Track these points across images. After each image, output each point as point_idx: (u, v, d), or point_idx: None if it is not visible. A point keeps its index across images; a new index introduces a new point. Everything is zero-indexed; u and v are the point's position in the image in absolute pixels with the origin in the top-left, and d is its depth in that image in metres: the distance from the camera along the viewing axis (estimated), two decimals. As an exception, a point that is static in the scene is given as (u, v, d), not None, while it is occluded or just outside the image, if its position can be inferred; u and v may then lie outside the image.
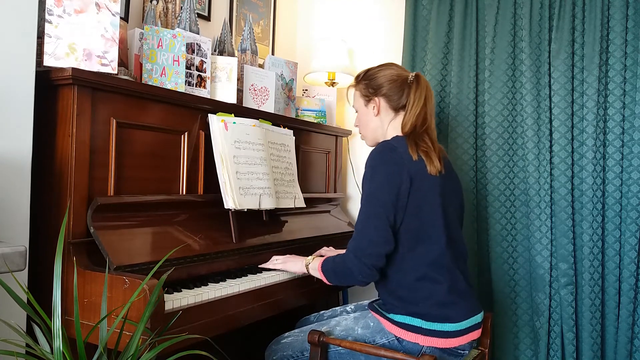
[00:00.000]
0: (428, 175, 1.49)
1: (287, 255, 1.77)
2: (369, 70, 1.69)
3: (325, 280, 1.57)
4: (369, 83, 1.66)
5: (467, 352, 1.51)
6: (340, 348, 1.49)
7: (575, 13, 2.16)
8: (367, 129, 1.70)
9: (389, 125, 1.64)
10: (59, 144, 1.38)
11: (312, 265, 1.64)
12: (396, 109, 1.63)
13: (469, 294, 1.52)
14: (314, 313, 1.86)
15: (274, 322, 1.89)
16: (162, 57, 1.66)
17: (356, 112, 1.74)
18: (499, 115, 2.28)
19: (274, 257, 1.78)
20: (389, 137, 1.61)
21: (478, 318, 1.53)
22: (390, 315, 1.48)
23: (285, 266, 1.73)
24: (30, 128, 1.34)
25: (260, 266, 1.76)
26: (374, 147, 1.56)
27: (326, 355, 1.51)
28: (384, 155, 1.50)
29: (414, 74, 1.63)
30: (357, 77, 1.71)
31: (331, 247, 2.02)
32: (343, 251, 1.93)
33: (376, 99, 1.64)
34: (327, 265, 1.56)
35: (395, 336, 1.46)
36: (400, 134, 1.60)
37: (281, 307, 1.68)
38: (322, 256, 1.91)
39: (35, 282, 1.38)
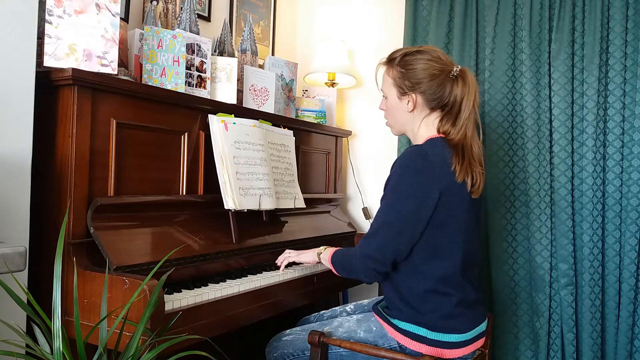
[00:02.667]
0: (459, 191, 1.40)
1: (300, 250, 1.76)
2: (406, 53, 1.48)
3: (334, 271, 1.57)
4: (405, 73, 1.46)
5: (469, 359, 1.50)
6: (342, 349, 1.49)
7: (575, 14, 2.17)
8: (395, 121, 1.55)
9: (422, 121, 1.49)
10: (59, 144, 1.38)
11: (323, 255, 1.62)
12: (433, 108, 1.47)
13: (476, 302, 1.49)
14: (313, 313, 1.85)
15: (274, 321, 1.89)
16: (162, 57, 1.66)
17: (384, 97, 1.56)
18: (498, 116, 2.28)
19: (287, 251, 1.78)
20: (418, 135, 1.50)
21: (483, 327, 1.51)
22: (395, 321, 1.45)
23: (299, 257, 1.71)
24: (31, 128, 1.34)
25: (277, 262, 1.76)
26: (404, 151, 1.42)
27: (326, 356, 1.51)
28: (414, 163, 1.38)
29: (458, 68, 1.45)
30: (392, 59, 1.51)
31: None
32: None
33: (413, 95, 1.46)
34: (337, 257, 1.55)
35: (398, 343, 1.43)
36: (433, 132, 1.47)
37: (281, 308, 1.68)
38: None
39: (35, 282, 1.38)
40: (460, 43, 2.35)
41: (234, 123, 1.77)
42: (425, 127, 1.50)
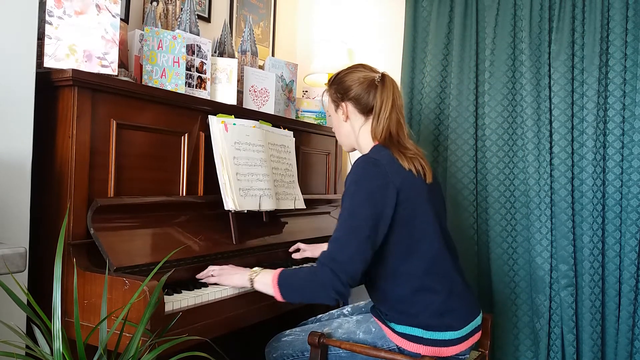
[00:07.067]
0: (415, 185, 1.44)
1: (226, 266, 1.58)
2: (339, 73, 1.62)
3: (278, 297, 1.39)
4: (337, 87, 1.58)
5: (467, 356, 1.51)
6: (341, 351, 1.49)
7: (575, 14, 2.17)
8: (340, 134, 1.64)
9: (360, 130, 1.57)
10: (59, 145, 1.38)
11: (260, 278, 1.44)
12: (365, 113, 1.55)
13: (466, 294, 1.51)
14: (312, 316, 1.84)
15: (274, 322, 1.89)
16: (162, 58, 1.66)
17: (329, 116, 1.68)
18: (499, 117, 2.28)
19: (210, 267, 1.58)
20: (362, 144, 1.57)
21: (478, 320, 1.52)
22: (392, 325, 1.46)
23: (221, 280, 1.52)
24: (31, 129, 1.34)
25: (197, 276, 1.57)
26: (354, 163, 1.46)
27: (326, 357, 1.50)
28: (367, 171, 1.42)
29: (380, 74, 1.54)
30: (329, 81, 1.64)
31: (302, 244, 1.97)
32: (324, 245, 1.92)
33: (343, 103, 1.57)
34: (288, 279, 1.39)
35: (397, 346, 1.44)
36: (372, 140, 1.54)
37: (281, 309, 1.68)
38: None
39: (35, 283, 1.38)
40: (460, 44, 2.35)
41: (234, 124, 1.77)
42: (365, 136, 1.56)
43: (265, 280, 1.42)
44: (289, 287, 1.39)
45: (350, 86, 1.55)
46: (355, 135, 1.58)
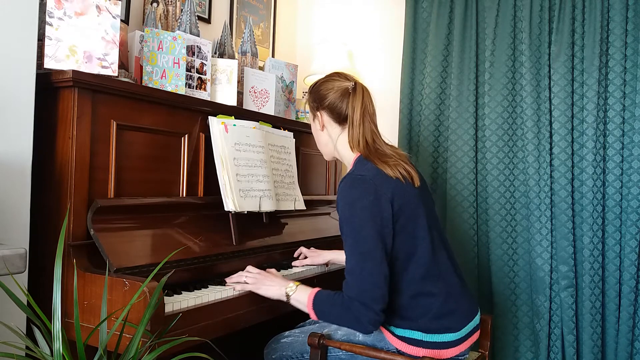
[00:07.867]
0: (406, 192, 1.43)
1: (262, 273, 1.56)
2: (316, 82, 1.62)
3: (315, 318, 1.45)
4: (314, 96, 1.59)
5: (466, 356, 1.51)
6: (341, 352, 1.49)
7: (575, 15, 2.17)
8: (319, 143, 1.65)
9: (337, 139, 1.56)
10: (60, 146, 1.38)
11: (296, 296, 1.46)
12: (340, 122, 1.54)
13: (464, 294, 1.50)
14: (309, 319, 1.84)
15: (274, 322, 1.89)
16: (162, 59, 1.66)
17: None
18: (499, 117, 2.28)
19: (248, 269, 1.58)
20: (343, 153, 1.56)
21: (476, 320, 1.52)
22: (391, 328, 1.46)
23: (256, 288, 1.52)
24: (31, 130, 1.34)
25: (226, 280, 1.57)
26: (342, 183, 1.44)
27: (326, 358, 1.50)
28: (356, 188, 1.40)
29: (353, 82, 1.54)
30: (307, 91, 1.64)
31: (312, 248, 1.98)
32: (325, 253, 1.92)
33: (318, 113, 1.57)
34: (323, 306, 1.41)
35: (397, 348, 1.44)
36: (351, 150, 1.53)
37: (281, 310, 1.68)
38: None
39: (35, 284, 1.38)
40: (460, 45, 2.35)
41: (234, 125, 1.77)
42: (344, 145, 1.55)
43: (301, 300, 1.44)
44: (324, 313, 1.41)
45: (325, 95, 1.54)
46: (334, 144, 1.58)
